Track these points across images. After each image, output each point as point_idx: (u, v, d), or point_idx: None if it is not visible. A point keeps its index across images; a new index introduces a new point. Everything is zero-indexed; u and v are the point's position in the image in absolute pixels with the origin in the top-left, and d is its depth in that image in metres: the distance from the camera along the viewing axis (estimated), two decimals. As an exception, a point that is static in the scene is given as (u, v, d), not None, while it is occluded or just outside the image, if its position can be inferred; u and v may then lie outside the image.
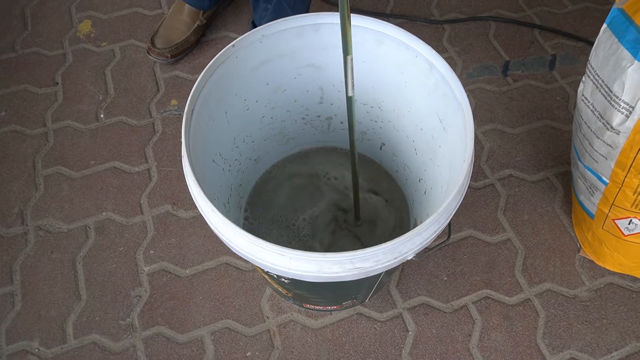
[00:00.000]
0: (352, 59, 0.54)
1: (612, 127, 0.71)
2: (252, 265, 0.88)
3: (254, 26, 1.09)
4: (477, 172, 1.00)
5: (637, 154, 0.71)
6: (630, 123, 0.68)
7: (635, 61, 0.65)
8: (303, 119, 0.84)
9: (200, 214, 0.94)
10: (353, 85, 0.57)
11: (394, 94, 0.73)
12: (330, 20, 0.66)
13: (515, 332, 0.85)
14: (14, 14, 1.24)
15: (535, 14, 1.23)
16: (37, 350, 0.84)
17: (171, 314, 0.87)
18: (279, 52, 0.68)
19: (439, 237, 0.55)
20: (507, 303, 0.87)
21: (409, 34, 0.64)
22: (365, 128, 0.84)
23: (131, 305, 0.88)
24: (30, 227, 0.95)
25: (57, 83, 1.13)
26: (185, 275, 0.90)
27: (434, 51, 0.62)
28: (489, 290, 0.88)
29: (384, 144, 0.85)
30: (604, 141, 0.74)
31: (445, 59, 0.62)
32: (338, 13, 0.65)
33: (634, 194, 0.75)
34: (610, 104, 0.70)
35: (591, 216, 0.85)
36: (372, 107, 0.79)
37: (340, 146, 0.92)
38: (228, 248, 0.83)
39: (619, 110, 0.69)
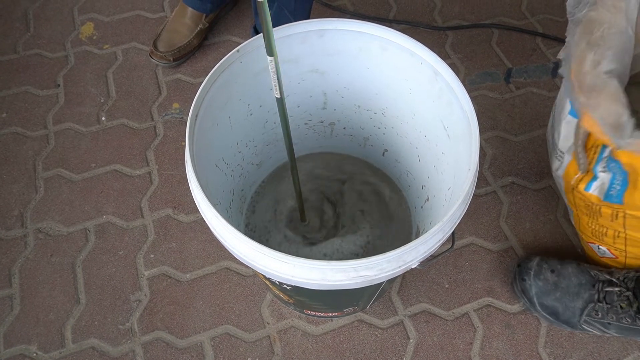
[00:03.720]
0: (276, 60, 0.53)
1: (553, 170, 0.78)
2: (253, 270, 0.87)
3: (256, 31, 1.09)
4: (479, 179, 1.00)
5: (574, 196, 0.76)
6: (561, 171, 0.75)
7: (569, 115, 0.70)
8: (306, 124, 0.84)
9: (201, 218, 0.94)
10: (281, 87, 0.57)
11: (397, 100, 0.73)
12: (335, 26, 0.66)
13: (516, 340, 0.84)
14: (16, 16, 1.24)
15: (537, 21, 1.23)
16: (35, 354, 0.83)
17: (171, 319, 0.86)
18: (283, 58, 0.68)
19: (442, 245, 0.55)
20: (508, 311, 0.87)
21: (414, 40, 0.64)
22: (368, 134, 0.84)
23: (131, 309, 0.87)
24: (29, 229, 0.95)
25: (59, 85, 1.13)
26: (186, 280, 0.90)
27: (439, 58, 0.62)
28: (490, 298, 0.88)
29: (387, 150, 0.85)
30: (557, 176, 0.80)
31: (448, 65, 0.62)
32: (343, 19, 0.66)
33: (588, 226, 0.78)
34: (553, 150, 0.77)
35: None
36: (375, 114, 0.79)
37: (343, 152, 0.92)
38: (229, 253, 0.83)
39: (556, 158, 0.76)
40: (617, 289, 0.78)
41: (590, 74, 0.61)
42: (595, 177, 0.69)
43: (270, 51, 0.52)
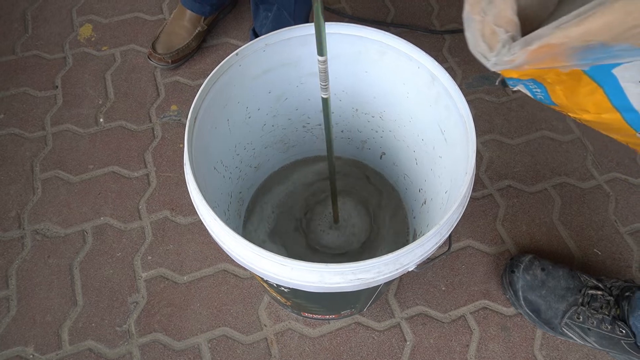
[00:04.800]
0: (326, 60, 0.54)
1: None
2: (251, 272, 0.88)
3: (255, 34, 1.09)
4: (476, 182, 1.01)
5: None
6: None
7: None
8: (304, 127, 0.84)
9: (199, 220, 0.94)
10: (328, 88, 0.57)
11: (395, 104, 0.74)
12: (335, 30, 0.66)
13: (512, 342, 0.85)
14: (15, 17, 1.24)
15: (534, 25, 1.24)
16: (31, 356, 0.83)
17: (168, 321, 0.86)
18: (282, 61, 0.68)
19: (439, 247, 0.55)
20: (504, 314, 0.87)
21: (411, 45, 0.64)
22: (366, 137, 0.85)
23: (128, 311, 0.87)
24: (27, 231, 0.95)
25: (57, 86, 1.13)
26: (183, 282, 0.90)
27: (437, 63, 0.63)
28: (487, 301, 0.88)
29: (384, 154, 0.85)
30: None
31: (445, 69, 0.62)
32: (343, 23, 0.66)
33: None
34: None
35: None
36: (373, 117, 0.79)
37: (341, 155, 0.93)
38: (226, 255, 0.83)
39: None
40: (600, 292, 0.79)
41: None
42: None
43: (321, 51, 0.52)
